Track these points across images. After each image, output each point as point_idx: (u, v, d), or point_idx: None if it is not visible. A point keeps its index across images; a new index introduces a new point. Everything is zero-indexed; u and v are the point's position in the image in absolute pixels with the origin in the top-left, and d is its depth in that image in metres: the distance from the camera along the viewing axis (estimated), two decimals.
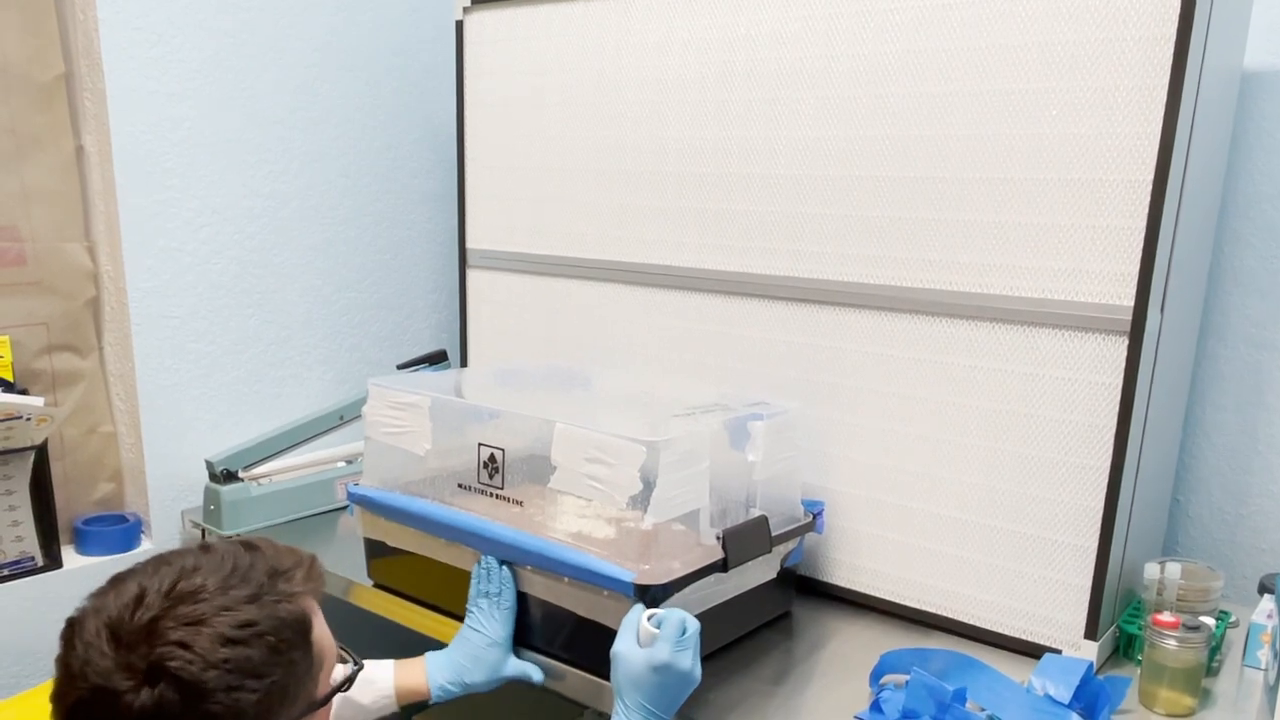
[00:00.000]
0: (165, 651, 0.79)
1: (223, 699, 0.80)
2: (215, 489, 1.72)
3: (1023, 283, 1.30)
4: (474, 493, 1.37)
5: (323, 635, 0.92)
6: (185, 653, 0.79)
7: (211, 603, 0.83)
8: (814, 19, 1.43)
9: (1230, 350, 1.56)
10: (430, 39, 2.10)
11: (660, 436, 1.19)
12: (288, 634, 0.85)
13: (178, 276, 1.77)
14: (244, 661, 0.81)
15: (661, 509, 1.20)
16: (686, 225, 1.61)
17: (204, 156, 1.78)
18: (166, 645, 0.79)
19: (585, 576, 1.22)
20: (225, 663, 0.80)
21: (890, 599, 1.48)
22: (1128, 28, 1.19)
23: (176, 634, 0.80)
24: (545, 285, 1.83)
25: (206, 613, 0.82)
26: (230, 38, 1.79)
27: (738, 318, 1.57)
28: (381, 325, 2.13)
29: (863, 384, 1.46)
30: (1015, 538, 1.35)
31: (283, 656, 0.84)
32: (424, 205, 2.16)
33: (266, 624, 0.84)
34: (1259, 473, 1.56)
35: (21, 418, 1.54)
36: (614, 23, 1.64)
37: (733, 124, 1.53)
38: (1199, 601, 1.35)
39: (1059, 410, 1.29)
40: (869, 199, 1.41)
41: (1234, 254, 1.54)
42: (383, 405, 1.45)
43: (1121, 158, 1.21)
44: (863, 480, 1.48)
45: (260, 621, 0.84)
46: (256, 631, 0.83)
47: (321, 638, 0.92)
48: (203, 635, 0.80)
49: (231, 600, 0.84)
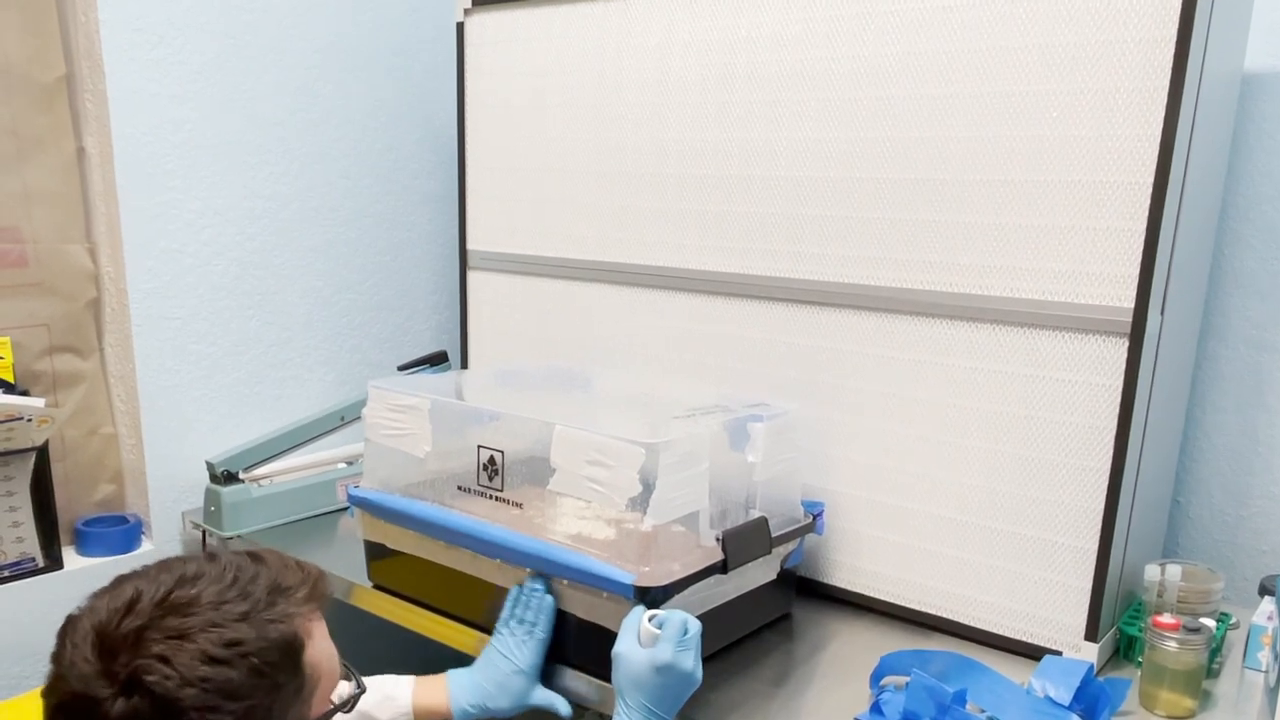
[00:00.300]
0: (145, 664, 0.78)
1: (196, 718, 0.79)
2: (216, 490, 1.72)
3: (1023, 284, 1.30)
4: (474, 495, 1.37)
5: (320, 655, 0.90)
6: (164, 667, 0.78)
7: (201, 617, 0.82)
8: (815, 21, 1.43)
9: (1231, 351, 1.56)
10: (431, 40, 2.10)
11: (659, 438, 1.19)
12: (274, 656, 0.84)
13: (179, 278, 1.77)
14: (224, 682, 0.80)
15: (661, 511, 1.20)
16: (687, 227, 1.61)
17: (205, 158, 1.78)
18: (147, 658, 0.79)
19: (585, 579, 1.22)
20: (204, 681, 0.79)
21: (890, 600, 1.48)
22: (1128, 30, 1.19)
23: (158, 647, 0.79)
24: (546, 286, 1.83)
25: (194, 627, 0.81)
26: (231, 40, 1.79)
27: (738, 319, 1.57)
28: (382, 326, 2.13)
29: (863, 385, 1.46)
30: (1015, 539, 1.35)
31: (265, 679, 0.83)
32: (425, 207, 2.16)
33: (253, 645, 0.82)
34: (1259, 474, 1.56)
35: (22, 419, 1.54)
36: (615, 25, 1.64)
37: (733, 126, 1.53)
38: (1199, 603, 1.35)
39: (1059, 412, 1.29)
40: (870, 201, 1.41)
41: (1234, 255, 1.54)
42: (383, 408, 1.45)
43: (1122, 159, 1.21)
44: (863, 481, 1.48)
45: (247, 641, 0.82)
46: (241, 652, 0.81)
47: (318, 657, 0.90)
48: (185, 651, 0.79)
49: (222, 616, 0.83)
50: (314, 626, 0.90)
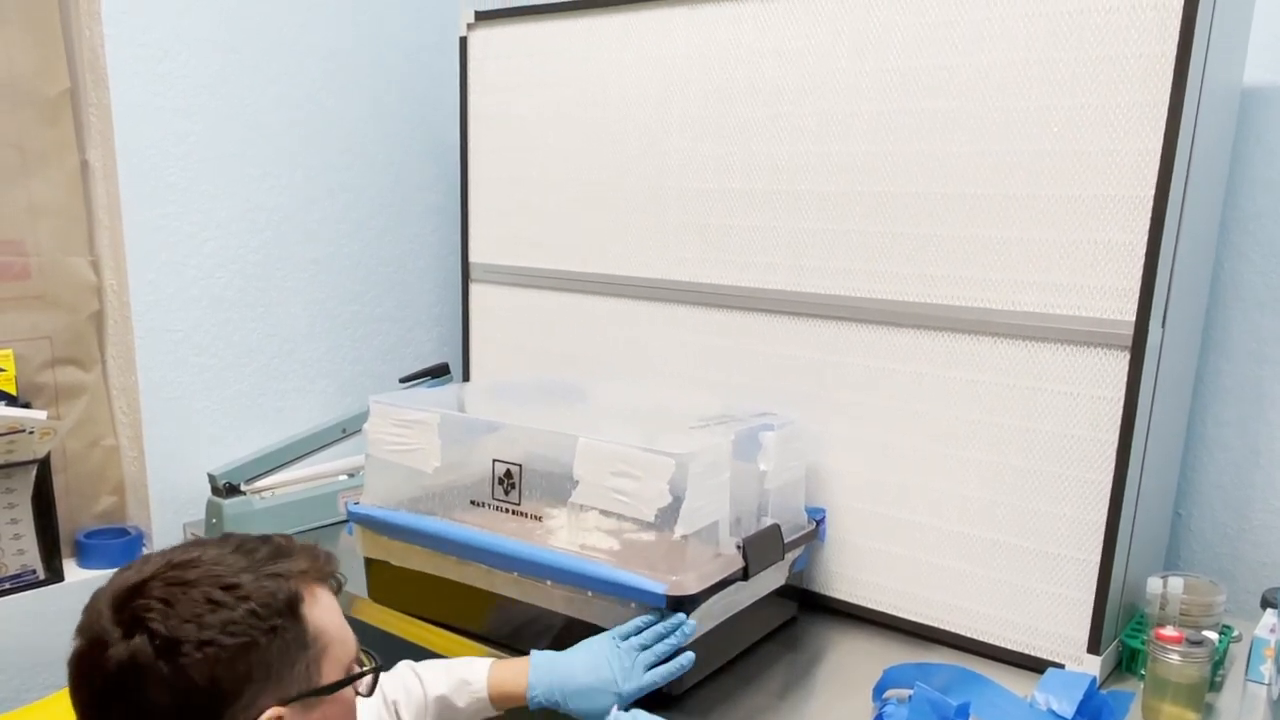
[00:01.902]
0: (145, 604, 0.82)
1: (193, 653, 0.81)
2: (217, 502, 1.72)
3: (1025, 298, 1.31)
4: (489, 509, 1.37)
5: (327, 620, 0.91)
6: (165, 607, 0.82)
7: (203, 570, 0.85)
8: (816, 36, 1.44)
9: (1232, 365, 1.56)
10: (434, 55, 2.11)
11: (688, 449, 1.21)
12: (272, 601, 0.86)
13: (181, 290, 1.78)
14: (221, 620, 0.83)
15: (691, 520, 1.20)
16: (688, 240, 1.62)
17: (208, 171, 1.79)
18: (148, 600, 0.82)
19: (614, 590, 1.22)
20: (200, 618, 0.82)
21: (892, 612, 1.48)
22: (1128, 45, 1.20)
23: (160, 591, 0.83)
24: (547, 299, 1.83)
25: (195, 577, 0.85)
26: (236, 53, 1.80)
27: (739, 332, 1.58)
28: (384, 338, 2.13)
29: (864, 398, 1.46)
30: (1017, 551, 1.35)
31: (264, 622, 0.85)
32: (427, 219, 2.17)
33: (251, 589, 0.85)
34: (1261, 487, 1.56)
35: (24, 431, 1.54)
36: (616, 39, 1.65)
37: (734, 140, 1.54)
38: (1202, 616, 1.35)
39: (1061, 424, 1.30)
40: (870, 214, 1.42)
41: (1235, 269, 1.55)
42: (386, 423, 1.44)
43: (1123, 174, 1.22)
44: (865, 493, 1.48)
45: (246, 586, 0.85)
46: (239, 595, 0.84)
47: (323, 620, 0.90)
48: (186, 595, 0.83)
49: (224, 569, 0.86)
50: (319, 592, 0.92)
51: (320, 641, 0.89)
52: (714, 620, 1.25)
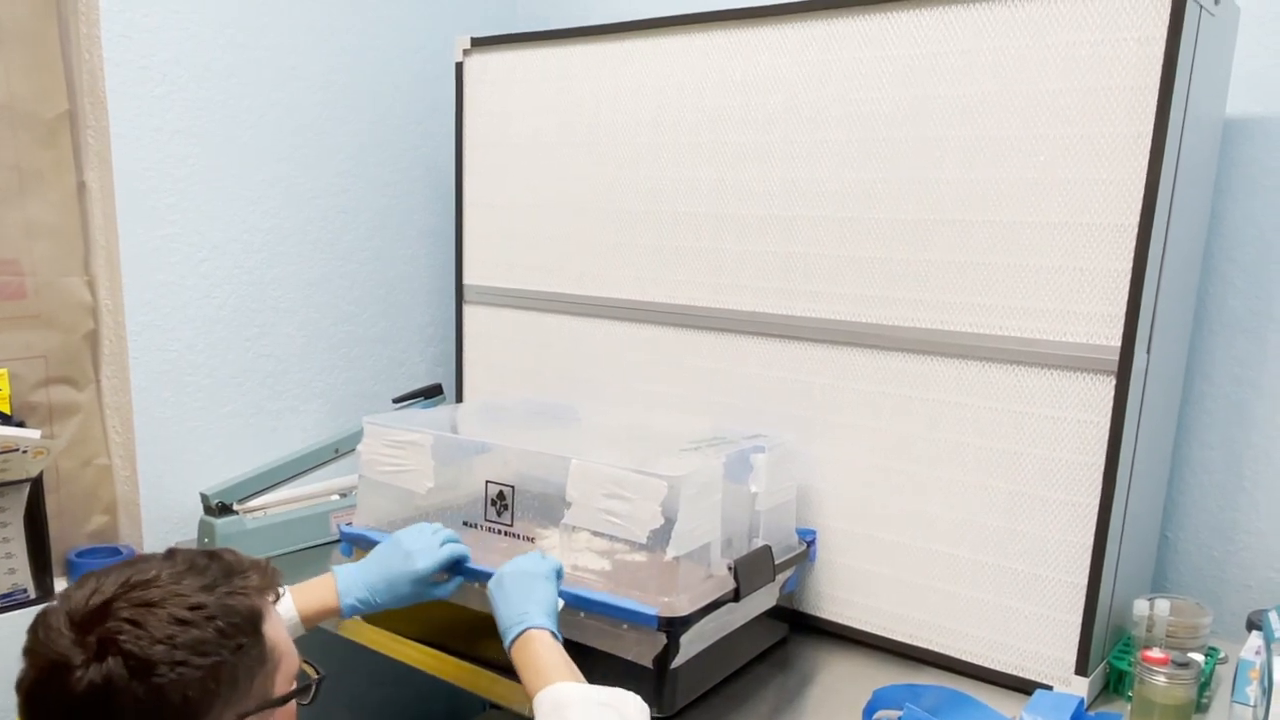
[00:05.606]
0: (114, 627, 0.82)
1: (167, 674, 0.81)
2: (210, 522, 1.72)
3: (1011, 323, 1.32)
4: (481, 530, 1.37)
5: (278, 635, 0.93)
6: (134, 629, 0.82)
7: (164, 589, 0.86)
8: (808, 65, 1.46)
9: (1216, 389, 1.59)
10: (431, 79, 2.13)
11: (681, 471, 1.22)
12: (237, 619, 0.88)
13: (176, 310, 1.79)
14: (192, 640, 0.84)
15: (683, 542, 1.22)
16: (680, 263, 1.63)
17: (205, 192, 1.80)
18: (117, 622, 0.83)
19: (607, 611, 1.23)
20: (172, 639, 0.83)
21: (881, 634, 1.48)
22: (1114, 77, 1.22)
23: (127, 613, 0.83)
24: (540, 321, 1.84)
25: (159, 597, 0.85)
26: (235, 78, 1.81)
27: (730, 354, 1.59)
28: (378, 359, 2.14)
29: (855, 420, 1.47)
30: (1005, 574, 1.37)
31: (230, 640, 0.86)
32: (422, 241, 2.18)
33: (216, 608, 0.87)
34: (1245, 510, 1.58)
35: (18, 450, 1.54)
36: (611, 66, 1.67)
37: (727, 165, 1.56)
38: (1188, 638, 1.36)
39: (1048, 448, 1.31)
40: (861, 240, 1.44)
41: (1219, 295, 1.57)
42: (379, 443, 1.45)
43: (1108, 202, 1.24)
44: (853, 515, 1.49)
45: (210, 605, 0.86)
46: (206, 614, 0.86)
47: (276, 636, 0.93)
48: (153, 615, 0.84)
49: (185, 588, 0.87)
50: (269, 609, 0.94)
51: (275, 655, 0.92)
52: (705, 641, 1.26)
